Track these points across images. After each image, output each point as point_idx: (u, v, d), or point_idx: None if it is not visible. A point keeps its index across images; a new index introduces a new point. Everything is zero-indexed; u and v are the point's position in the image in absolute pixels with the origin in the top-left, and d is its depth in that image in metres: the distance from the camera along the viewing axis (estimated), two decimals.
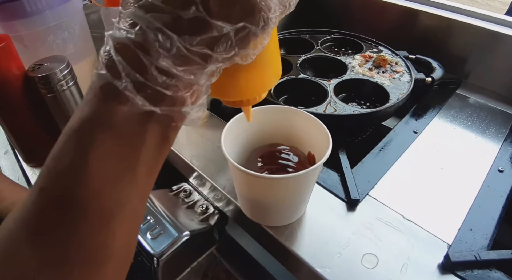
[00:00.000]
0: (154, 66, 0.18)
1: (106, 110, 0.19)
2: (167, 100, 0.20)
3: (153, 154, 0.21)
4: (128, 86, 0.18)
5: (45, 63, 0.54)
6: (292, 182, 0.35)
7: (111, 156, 0.19)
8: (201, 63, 0.19)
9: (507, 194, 0.45)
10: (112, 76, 0.19)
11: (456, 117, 0.59)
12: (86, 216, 0.19)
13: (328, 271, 0.37)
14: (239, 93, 0.28)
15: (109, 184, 0.20)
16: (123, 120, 0.19)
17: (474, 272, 0.37)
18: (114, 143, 0.19)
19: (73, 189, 0.19)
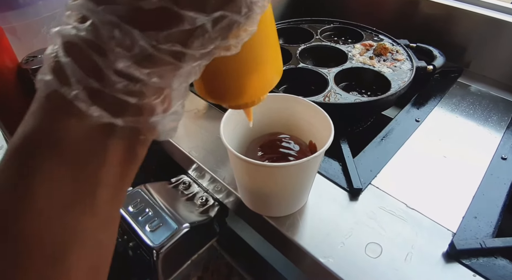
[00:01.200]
0: (111, 69, 0.15)
1: (53, 125, 0.16)
2: (131, 109, 0.16)
3: (117, 174, 0.18)
4: (79, 95, 0.15)
5: (38, 55, 0.53)
6: (294, 170, 0.34)
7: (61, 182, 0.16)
8: (174, 63, 0.16)
9: (511, 181, 0.45)
10: (60, 83, 0.15)
11: (458, 106, 0.58)
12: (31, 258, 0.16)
13: (331, 261, 0.36)
14: (239, 96, 0.24)
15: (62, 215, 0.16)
16: (75, 137, 0.16)
17: (479, 260, 0.36)
18: (65, 166, 0.16)
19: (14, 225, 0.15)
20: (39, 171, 0.16)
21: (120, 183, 0.18)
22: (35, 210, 0.16)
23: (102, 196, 0.17)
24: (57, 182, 0.16)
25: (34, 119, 0.16)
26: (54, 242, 0.16)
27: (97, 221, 0.18)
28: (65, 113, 0.16)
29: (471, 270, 0.36)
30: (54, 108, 0.16)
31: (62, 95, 0.15)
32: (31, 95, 0.17)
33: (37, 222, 0.16)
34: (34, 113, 0.16)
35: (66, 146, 0.16)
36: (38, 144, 0.16)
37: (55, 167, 0.16)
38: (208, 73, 0.19)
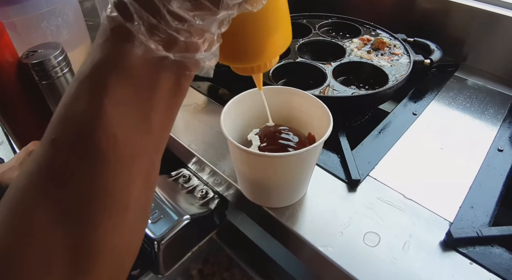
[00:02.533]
0: (166, 9, 0.18)
1: (119, 53, 0.18)
2: (180, 45, 0.19)
3: (167, 103, 0.21)
4: (141, 29, 0.18)
5: (39, 50, 0.53)
6: (293, 160, 0.35)
7: (126, 102, 0.19)
8: (212, 8, 0.19)
9: (507, 172, 0.45)
10: (124, 19, 0.18)
11: (455, 99, 0.58)
12: (104, 162, 0.18)
13: (330, 250, 0.37)
14: (250, 57, 0.27)
15: (126, 130, 0.19)
16: (137, 65, 0.19)
17: (476, 248, 0.37)
18: (129, 89, 0.19)
19: (89, 134, 0.18)
20: (109, 91, 0.18)
21: (170, 111, 0.21)
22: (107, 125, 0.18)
23: (156, 120, 0.20)
24: (123, 103, 0.19)
25: (102, 50, 0.18)
26: (123, 151, 0.19)
27: (152, 141, 0.20)
28: (129, 44, 0.18)
29: (467, 258, 0.36)
30: (120, 40, 0.18)
31: (127, 29, 0.18)
32: (31, 90, 0.19)
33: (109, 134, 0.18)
34: (101, 45, 0.19)
35: (130, 72, 0.18)
36: (107, 69, 0.18)
37: (122, 88, 0.18)
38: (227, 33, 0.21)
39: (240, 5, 0.20)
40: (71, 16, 0.57)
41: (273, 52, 0.28)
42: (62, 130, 0.18)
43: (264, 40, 0.26)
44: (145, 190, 0.21)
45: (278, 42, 0.27)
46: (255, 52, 0.27)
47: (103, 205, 0.19)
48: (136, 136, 0.19)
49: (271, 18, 0.26)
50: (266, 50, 0.27)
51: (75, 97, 0.19)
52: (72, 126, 0.18)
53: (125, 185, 0.19)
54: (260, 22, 0.25)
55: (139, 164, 0.20)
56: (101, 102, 0.18)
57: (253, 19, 0.24)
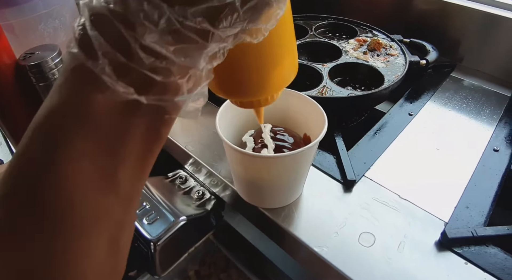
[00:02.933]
0: (138, 44, 0.15)
1: (79, 98, 0.16)
2: (157, 86, 0.16)
3: (139, 154, 0.18)
4: (106, 69, 0.15)
5: (36, 52, 0.53)
6: (288, 161, 0.35)
7: (85, 158, 0.16)
8: (200, 41, 0.16)
9: (502, 172, 0.45)
10: (87, 56, 0.15)
11: (451, 99, 0.59)
12: (57, 228, 0.16)
13: (325, 250, 0.37)
14: (251, 91, 0.24)
15: (84, 191, 0.16)
16: (100, 111, 0.16)
17: (471, 248, 0.37)
18: (89, 141, 0.16)
19: (40, 194, 0.16)
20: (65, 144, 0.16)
21: (143, 162, 0.18)
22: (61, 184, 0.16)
23: (125, 174, 0.17)
24: (82, 157, 0.16)
25: (60, 93, 0.16)
26: (79, 216, 0.16)
27: (119, 199, 0.18)
28: (92, 86, 0.16)
29: (462, 258, 0.36)
30: (81, 82, 0.16)
31: (89, 69, 0.15)
32: (28, 92, 0.17)
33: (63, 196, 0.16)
34: (61, 86, 0.16)
35: (92, 120, 0.16)
36: (65, 118, 0.16)
37: (81, 141, 0.16)
38: (224, 64, 0.18)
39: (236, 36, 0.17)
40: (68, 18, 0.58)
41: (277, 85, 0.24)
42: (13, 185, 0.16)
43: (266, 73, 0.23)
44: (110, 256, 0.18)
45: (283, 74, 0.24)
46: (256, 86, 0.23)
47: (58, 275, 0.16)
48: (98, 197, 0.17)
49: (274, 49, 0.22)
50: (269, 83, 0.23)
51: (28, 148, 0.16)
52: (23, 183, 0.16)
53: (83, 254, 0.17)
54: (262, 53, 0.22)
55: (101, 229, 0.17)
56: (55, 158, 0.16)
57: (253, 50, 0.21)
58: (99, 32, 0.15)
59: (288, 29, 0.23)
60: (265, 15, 0.17)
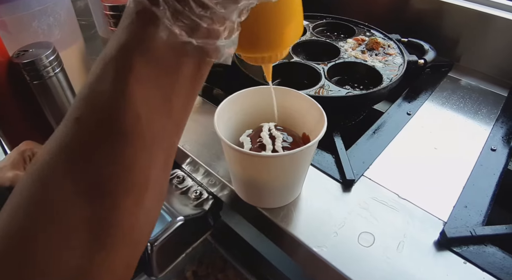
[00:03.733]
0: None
1: (144, 36, 0.19)
2: (202, 31, 0.20)
3: (187, 87, 0.21)
4: (166, 14, 0.18)
5: (30, 49, 0.52)
6: (287, 160, 0.34)
7: (149, 84, 0.19)
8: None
9: (500, 172, 0.46)
10: (150, 3, 0.18)
11: (449, 99, 0.59)
12: (126, 141, 0.19)
13: (324, 251, 0.36)
14: (264, 47, 0.28)
15: (149, 111, 0.19)
16: (161, 48, 0.19)
17: (470, 247, 0.37)
18: (153, 71, 0.19)
19: (113, 113, 0.18)
20: (134, 74, 0.19)
21: (190, 95, 0.22)
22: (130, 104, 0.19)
23: (177, 103, 0.21)
24: (147, 85, 0.19)
25: (127, 32, 0.19)
26: (144, 131, 0.19)
27: (172, 122, 0.21)
28: (154, 27, 0.19)
29: (461, 258, 0.36)
30: (145, 23, 0.19)
31: (152, 13, 0.18)
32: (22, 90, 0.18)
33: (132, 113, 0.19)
34: (127, 27, 0.19)
35: (155, 54, 0.19)
36: (133, 50, 0.19)
37: (146, 71, 0.19)
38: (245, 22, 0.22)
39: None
40: (63, 15, 0.57)
41: (286, 43, 0.28)
42: (86, 109, 0.19)
43: (278, 31, 0.27)
44: (164, 171, 0.22)
45: (291, 34, 0.28)
46: (269, 42, 0.28)
47: (124, 183, 0.19)
48: (158, 117, 0.20)
49: (287, 10, 0.26)
50: (280, 40, 0.28)
51: (100, 77, 0.19)
52: (97, 105, 0.19)
53: (146, 164, 0.20)
54: (277, 12, 0.26)
55: (160, 145, 0.20)
56: (126, 83, 0.18)
57: (270, 9, 0.25)
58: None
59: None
60: None
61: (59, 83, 0.53)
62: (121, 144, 0.19)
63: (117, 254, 0.20)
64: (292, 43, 0.29)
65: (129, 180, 0.19)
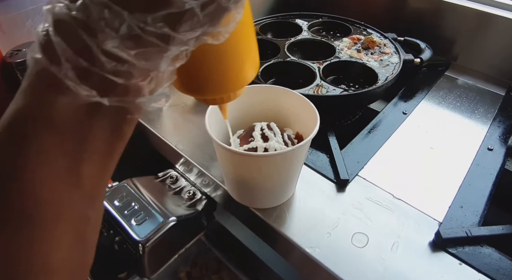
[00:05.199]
0: (100, 49, 0.15)
1: (43, 101, 0.16)
2: (119, 89, 0.17)
3: (103, 152, 0.19)
4: (68, 74, 0.16)
5: (23, 49, 0.52)
6: (279, 159, 0.34)
7: (49, 156, 0.17)
8: (160, 45, 0.16)
9: (496, 171, 0.45)
10: (50, 61, 0.16)
11: (445, 98, 0.58)
12: (23, 224, 0.17)
13: (317, 251, 0.36)
14: (213, 89, 0.25)
15: (48, 188, 0.17)
16: (64, 113, 0.17)
17: (465, 248, 0.37)
18: (53, 141, 0.17)
19: (8, 194, 0.17)
20: (32, 141, 0.17)
21: (106, 159, 0.19)
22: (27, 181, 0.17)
23: (87, 173, 0.18)
24: (48, 153, 0.17)
25: (25, 96, 0.17)
26: (44, 211, 0.17)
27: (82, 195, 0.19)
28: (55, 90, 0.16)
29: (457, 259, 0.36)
30: (45, 86, 0.16)
31: (52, 73, 0.16)
32: (15, 89, 0.18)
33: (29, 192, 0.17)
34: (25, 91, 0.17)
35: (56, 121, 0.17)
36: (29, 119, 0.17)
37: (47, 138, 0.17)
38: (187, 64, 0.19)
39: (197, 39, 0.17)
40: None
41: (239, 83, 0.25)
42: None
43: (228, 71, 0.24)
44: (77, 249, 0.19)
45: (244, 73, 0.25)
46: (219, 84, 0.24)
47: (26, 270, 0.17)
48: (62, 192, 0.18)
49: (235, 49, 0.23)
50: (231, 81, 0.25)
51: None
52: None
53: (49, 247, 0.18)
54: (224, 53, 0.23)
55: (66, 223, 0.18)
56: (20, 157, 0.17)
57: (215, 50, 0.22)
58: (62, 38, 0.15)
59: (249, 30, 0.24)
60: (224, 19, 0.17)
61: None
62: (16, 227, 0.17)
63: None
64: (247, 83, 0.26)
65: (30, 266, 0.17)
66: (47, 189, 0.17)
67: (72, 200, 0.18)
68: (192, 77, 0.23)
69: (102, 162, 0.19)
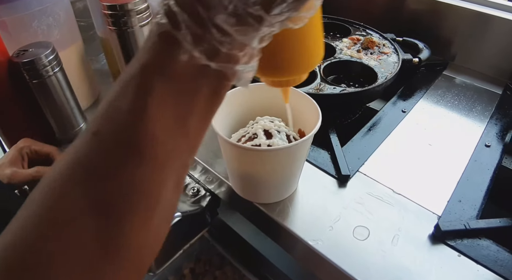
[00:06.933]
0: (211, 22, 0.19)
1: (165, 58, 0.19)
2: (222, 56, 0.20)
3: (204, 108, 0.21)
4: (187, 38, 0.19)
5: (30, 49, 0.53)
6: (283, 154, 0.35)
7: (168, 105, 0.20)
8: (254, 25, 0.19)
9: (494, 167, 0.46)
10: (172, 26, 0.19)
11: (443, 97, 0.59)
12: (141, 160, 0.19)
13: (320, 244, 0.37)
14: (284, 71, 0.28)
15: (165, 131, 0.20)
16: (181, 70, 0.19)
17: (464, 241, 0.38)
18: (171, 92, 0.20)
19: (130, 131, 0.19)
20: (153, 94, 0.19)
21: (206, 117, 0.22)
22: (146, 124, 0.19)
23: (193, 124, 0.21)
24: (165, 105, 0.20)
25: (149, 53, 0.20)
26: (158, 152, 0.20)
27: (187, 143, 0.21)
28: (175, 50, 0.19)
29: (456, 251, 0.37)
30: (167, 45, 0.19)
31: (173, 36, 0.19)
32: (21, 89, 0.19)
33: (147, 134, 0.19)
34: (149, 48, 0.20)
35: (175, 76, 0.19)
36: (153, 71, 0.19)
37: (166, 92, 0.19)
38: (267, 47, 0.22)
39: (282, 22, 0.20)
40: (62, 15, 0.57)
41: (306, 67, 0.28)
42: (105, 124, 0.19)
43: (299, 55, 0.27)
44: (175, 191, 0.22)
45: (313, 58, 0.28)
46: (289, 67, 0.28)
47: (135, 202, 0.19)
48: (174, 137, 0.20)
49: (308, 35, 0.26)
50: (301, 65, 0.28)
51: (120, 95, 0.20)
52: (115, 122, 0.19)
53: (158, 184, 0.20)
54: (299, 38, 0.26)
55: (173, 165, 0.21)
56: (145, 102, 0.19)
57: (292, 35, 0.25)
58: (182, 9, 0.19)
59: (320, 19, 0.27)
60: (306, 6, 0.20)
61: (58, 82, 0.53)
62: (135, 162, 0.19)
63: (125, 271, 0.20)
64: (314, 67, 0.29)
65: (139, 199, 0.19)
66: (162, 133, 0.20)
67: (180, 145, 0.21)
68: (269, 60, 0.26)
69: (203, 118, 0.22)
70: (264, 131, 0.38)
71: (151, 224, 0.20)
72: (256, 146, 0.36)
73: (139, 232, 0.20)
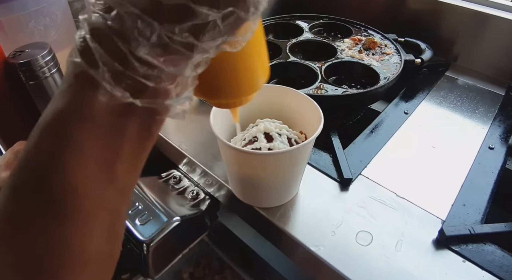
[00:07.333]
0: (133, 55, 0.17)
1: (82, 101, 0.18)
2: (149, 91, 0.18)
3: (134, 150, 0.20)
4: (105, 76, 0.17)
5: (26, 50, 0.52)
6: (283, 158, 0.34)
7: (88, 153, 0.18)
8: (185, 53, 0.18)
9: (498, 170, 0.45)
10: (88, 65, 0.17)
11: (446, 98, 0.59)
12: (63, 215, 0.18)
13: (322, 250, 0.36)
14: (227, 94, 0.27)
15: (87, 181, 0.18)
16: (100, 112, 0.18)
17: (468, 246, 0.37)
18: (91, 138, 0.18)
19: (48, 185, 0.18)
20: (71, 141, 0.18)
21: (137, 157, 0.21)
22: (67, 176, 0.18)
23: (121, 167, 0.20)
24: (85, 153, 0.18)
25: (64, 97, 0.18)
26: (83, 204, 0.18)
27: (116, 190, 0.20)
28: (93, 91, 0.18)
29: (460, 256, 0.36)
30: (83, 87, 0.18)
31: (90, 76, 0.17)
32: (18, 90, 0.18)
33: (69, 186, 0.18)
34: (64, 91, 0.18)
35: (94, 120, 0.18)
36: (69, 117, 0.18)
37: (85, 138, 0.18)
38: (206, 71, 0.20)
39: (217, 47, 0.19)
40: (59, 16, 0.57)
41: (251, 88, 0.27)
42: (23, 178, 0.18)
43: (241, 78, 0.26)
44: (108, 241, 0.20)
45: (256, 78, 0.27)
46: (232, 90, 0.26)
47: (61, 258, 0.18)
48: (98, 186, 0.19)
49: (250, 56, 0.25)
50: (244, 86, 0.26)
51: (36, 146, 0.18)
52: (33, 176, 0.18)
53: (86, 238, 0.19)
54: (239, 60, 0.25)
55: (101, 216, 0.19)
56: (62, 153, 0.18)
57: (231, 58, 0.23)
58: (99, 44, 0.17)
59: (261, 40, 0.26)
60: (242, 29, 0.19)
61: (55, 84, 0.53)
62: (57, 218, 0.18)
63: None
64: (259, 88, 0.27)
65: (65, 255, 0.18)
66: (86, 183, 0.18)
67: (108, 194, 0.20)
68: (209, 83, 0.25)
69: (133, 160, 0.20)
70: (264, 134, 0.38)
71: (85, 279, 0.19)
72: (257, 149, 0.36)
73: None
